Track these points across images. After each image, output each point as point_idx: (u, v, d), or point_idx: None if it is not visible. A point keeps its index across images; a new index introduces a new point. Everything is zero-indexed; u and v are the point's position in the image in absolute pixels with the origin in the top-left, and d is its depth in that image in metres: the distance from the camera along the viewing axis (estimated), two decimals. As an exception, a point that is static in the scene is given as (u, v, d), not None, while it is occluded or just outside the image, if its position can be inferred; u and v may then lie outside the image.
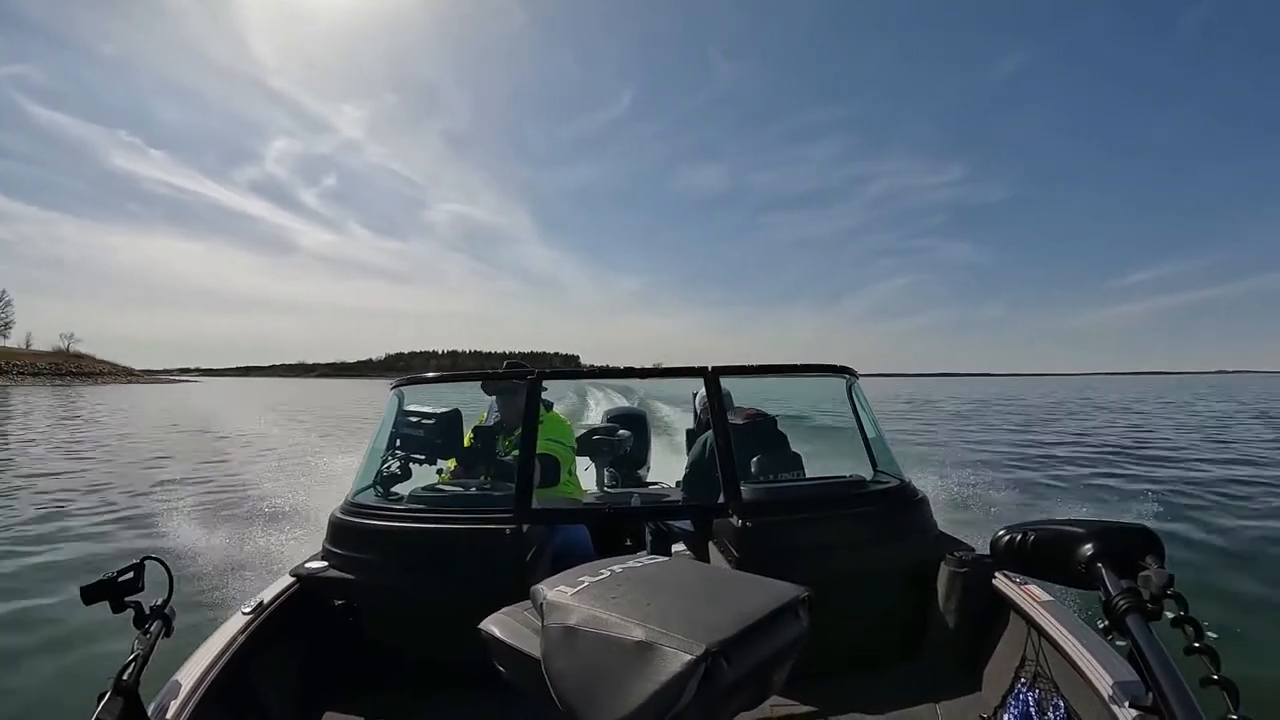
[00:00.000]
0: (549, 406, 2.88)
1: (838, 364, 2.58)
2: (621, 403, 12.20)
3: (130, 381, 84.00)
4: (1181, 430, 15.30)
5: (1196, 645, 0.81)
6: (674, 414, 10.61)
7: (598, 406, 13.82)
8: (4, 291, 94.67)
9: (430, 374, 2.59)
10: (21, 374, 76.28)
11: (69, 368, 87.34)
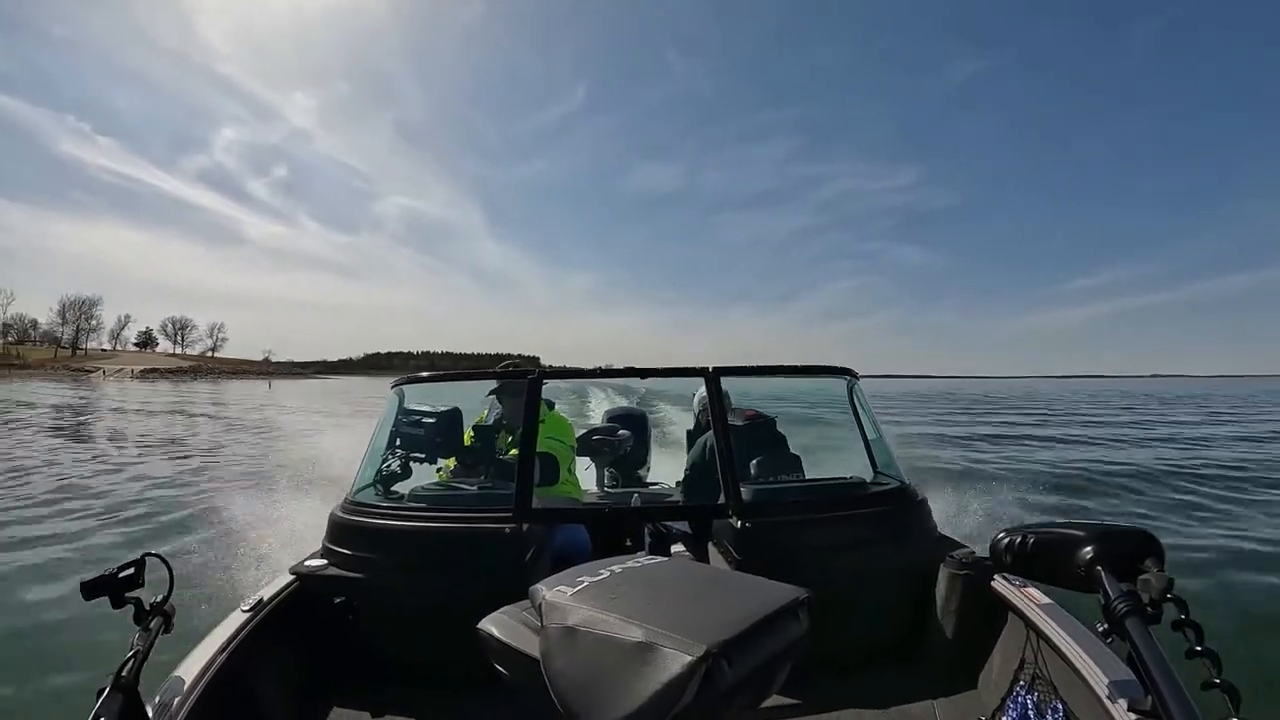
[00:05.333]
0: (550, 405, 2.87)
1: (839, 365, 2.59)
2: (621, 402, 12.13)
3: (292, 378, 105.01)
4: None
5: (1198, 649, 0.81)
6: (674, 413, 10.51)
7: (598, 406, 13.73)
8: (223, 324, 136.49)
9: (428, 374, 2.59)
10: (230, 374, 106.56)
11: (269, 371, 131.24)
